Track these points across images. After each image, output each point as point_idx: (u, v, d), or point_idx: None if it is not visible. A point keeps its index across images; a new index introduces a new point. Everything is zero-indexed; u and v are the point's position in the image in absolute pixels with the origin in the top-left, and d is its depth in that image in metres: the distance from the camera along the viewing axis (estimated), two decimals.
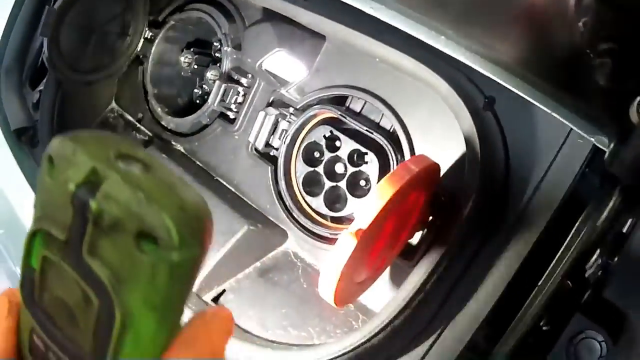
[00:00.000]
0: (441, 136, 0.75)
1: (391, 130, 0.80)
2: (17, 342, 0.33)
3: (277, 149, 0.87)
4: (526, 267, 0.68)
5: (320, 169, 0.82)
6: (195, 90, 1.01)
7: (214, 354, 0.32)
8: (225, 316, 0.34)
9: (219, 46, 0.96)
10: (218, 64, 0.95)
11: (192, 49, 0.98)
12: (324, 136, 0.82)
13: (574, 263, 0.63)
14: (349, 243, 0.62)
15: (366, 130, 0.79)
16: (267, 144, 0.87)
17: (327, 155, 0.82)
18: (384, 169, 0.79)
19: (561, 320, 0.65)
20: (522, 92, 0.68)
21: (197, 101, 1.00)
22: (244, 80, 0.91)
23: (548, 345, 0.65)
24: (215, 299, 0.81)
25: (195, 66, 0.97)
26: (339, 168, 0.82)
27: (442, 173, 0.71)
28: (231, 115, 0.92)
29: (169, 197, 0.28)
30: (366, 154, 0.80)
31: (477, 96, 0.74)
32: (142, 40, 1.00)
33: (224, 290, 0.82)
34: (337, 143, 0.82)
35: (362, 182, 0.81)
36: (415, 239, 0.74)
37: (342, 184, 0.81)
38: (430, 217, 0.72)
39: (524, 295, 0.67)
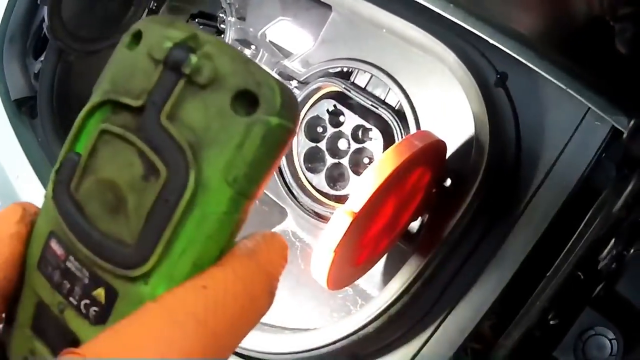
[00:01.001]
0: (450, 113, 0.69)
1: (397, 107, 0.74)
2: (22, 253, 0.30)
3: None
4: (535, 255, 0.63)
5: (322, 144, 0.77)
6: None
7: (272, 275, 0.29)
8: (282, 240, 0.31)
9: (224, 17, 0.91)
10: (222, 35, 0.90)
11: (196, 20, 0.92)
12: (328, 110, 0.76)
13: (586, 253, 0.57)
14: (342, 222, 0.58)
15: (371, 105, 0.73)
16: None
17: (330, 130, 0.76)
18: (388, 146, 0.73)
19: (570, 315, 0.60)
20: (536, 66, 0.62)
21: None
22: (247, 52, 0.86)
23: (555, 341, 0.60)
24: None
25: None
26: (342, 144, 0.77)
27: (449, 152, 0.65)
28: None
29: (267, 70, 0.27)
30: (370, 130, 0.74)
31: (489, 71, 0.69)
32: (146, 10, 0.95)
33: None
34: (341, 118, 0.77)
35: (366, 160, 0.76)
36: (419, 222, 0.68)
37: (345, 161, 0.75)
38: (434, 199, 0.67)
39: (532, 286, 0.61)
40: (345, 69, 0.78)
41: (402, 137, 0.72)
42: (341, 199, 0.78)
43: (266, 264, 0.29)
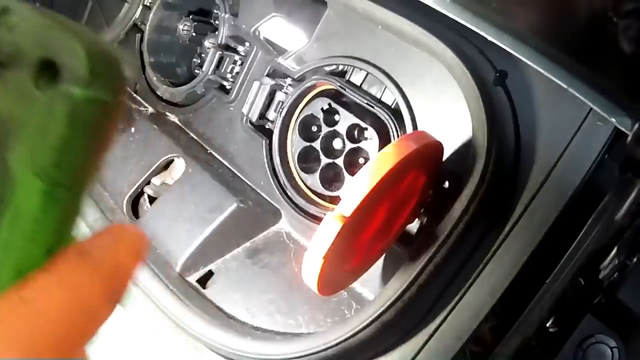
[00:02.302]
0: (447, 113, 0.66)
1: (393, 106, 0.70)
2: None
3: (272, 122, 0.78)
4: (534, 260, 0.59)
5: (317, 144, 0.73)
6: (194, 60, 0.92)
7: (112, 277, 0.24)
8: (136, 233, 0.26)
9: (218, 13, 0.87)
10: (217, 32, 0.86)
11: (191, 17, 0.89)
12: (322, 109, 0.73)
13: (587, 260, 0.53)
14: (332, 227, 0.54)
15: (367, 103, 0.70)
16: (262, 116, 0.78)
17: (325, 129, 0.73)
18: (384, 146, 0.69)
19: (570, 322, 0.57)
20: (536, 63, 0.59)
21: (196, 71, 0.91)
22: (241, 49, 0.82)
23: (554, 349, 0.57)
24: (201, 281, 0.74)
25: (194, 34, 0.88)
26: (337, 144, 0.74)
27: (446, 153, 0.62)
28: (227, 85, 0.83)
29: (81, 30, 0.21)
30: (366, 129, 0.70)
31: (488, 70, 0.65)
32: (140, 6, 0.92)
33: (210, 272, 0.74)
34: (336, 117, 0.73)
35: (361, 160, 0.72)
36: (417, 224, 0.65)
37: (340, 161, 0.72)
38: (430, 201, 0.63)
39: (530, 293, 0.58)
40: (340, 67, 0.74)
41: (398, 137, 0.68)
42: (336, 200, 0.75)
43: (104, 265, 0.24)
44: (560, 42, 0.57)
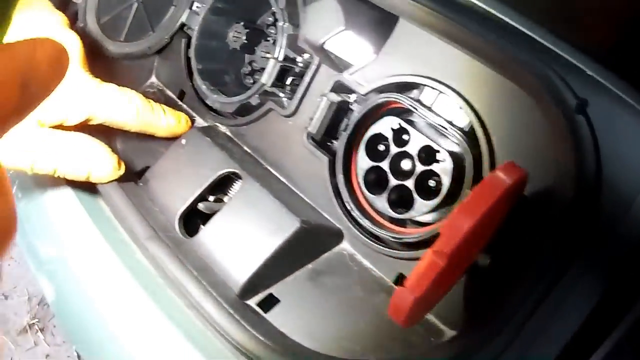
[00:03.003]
0: (527, 141, 0.65)
1: (466, 129, 0.68)
2: None
3: (336, 139, 0.75)
4: (612, 295, 0.58)
5: (384, 164, 0.71)
6: (244, 68, 0.88)
7: (25, 69, 0.28)
8: (58, 46, 0.31)
9: (272, 21, 0.83)
10: (271, 41, 0.83)
11: (242, 23, 0.84)
12: (392, 128, 0.70)
13: None
14: (434, 265, 0.54)
15: (439, 125, 0.67)
16: (327, 133, 0.74)
17: (394, 149, 0.71)
18: (457, 170, 0.68)
19: None
20: (619, 89, 0.57)
21: (246, 80, 0.87)
22: (299, 60, 0.79)
23: None
24: (261, 304, 0.71)
25: (246, 41, 0.84)
26: (405, 165, 0.72)
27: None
28: (285, 97, 0.79)
29: None
30: (438, 152, 0.68)
31: (569, 97, 0.63)
32: (187, 10, 0.87)
33: (270, 295, 0.72)
34: (405, 137, 0.71)
35: (432, 183, 0.70)
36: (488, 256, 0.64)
37: (409, 183, 0.70)
38: (506, 232, 0.62)
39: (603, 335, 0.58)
40: (409, 85, 0.71)
41: (473, 161, 0.65)
42: (402, 222, 0.72)
43: (21, 58, 0.28)
44: None
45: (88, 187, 0.80)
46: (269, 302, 0.73)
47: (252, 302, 0.72)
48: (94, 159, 0.76)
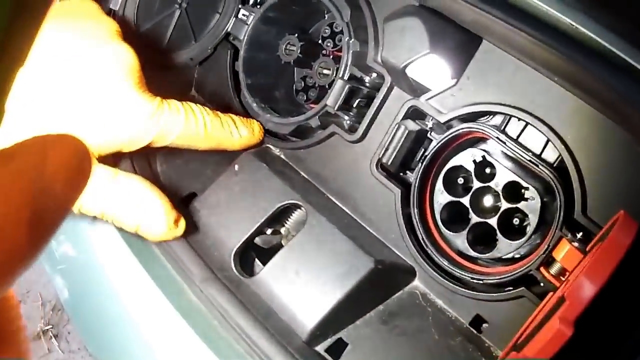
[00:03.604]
0: (620, 178, 0.61)
1: (555, 164, 0.62)
2: None
3: (410, 170, 0.69)
4: None
5: (465, 200, 0.65)
6: (297, 84, 0.80)
7: (45, 184, 0.21)
8: (72, 141, 0.23)
9: (329, 33, 0.76)
10: (328, 55, 0.75)
11: (296, 34, 0.77)
12: (474, 161, 0.64)
13: None
14: (562, 335, 0.49)
15: (529, 160, 0.62)
16: (402, 164, 0.68)
17: (477, 184, 0.65)
18: (545, 209, 0.62)
19: None
20: None
21: (298, 97, 0.80)
22: (367, 80, 0.72)
23: None
24: (330, 350, 0.66)
25: (300, 55, 0.76)
26: (487, 201, 0.66)
27: None
28: (349, 121, 0.72)
29: None
30: (527, 189, 0.63)
31: None
32: (233, 18, 0.79)
33: (339, 339, 0.67)
34: (487, 170, 0.65)
35: (516, 221, 0.64)
36: None
37: (493, 222, 0.64)
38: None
39: None
40: (493, 114, 0.65)
41: (564, 200, 0.60)
42: (483, 263, 0.67)
43: (29, 172, 0.21)
44: None
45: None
46: (339, 348, 0.68)
47: (320, 348, 0.67)
48: (146, 213, 0.68)
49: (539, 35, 0.61)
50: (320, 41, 0.81)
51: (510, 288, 0.66)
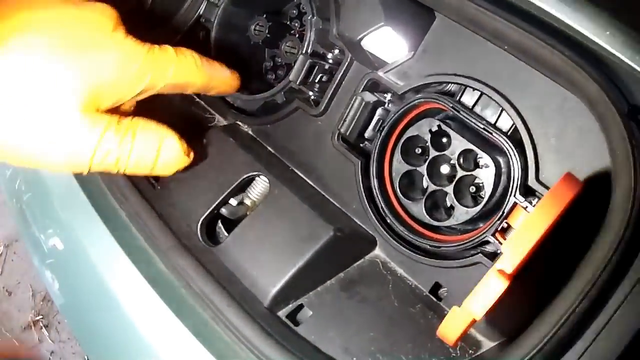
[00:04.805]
0: (572, 145, 0.62)
1: (509, 133, 0.64)
2: None
3: (368, 141, 0.71)
4: None
5: (422, 168, 0.67)
6: (266, 63, 0.82)
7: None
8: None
9: (296, 14, 0.78)
10: (297, 35, 0.77)
11: (264, 15, 0.79)
12: (430, 131, 0.66)
13: None
14: (497, 286, 0.50)
15: (483, 129, 0.63)
16: (360, 135, 0.70)
17: (433, 153, 0.67)
18: (500, 176, 0.63)
19: None
20: None
21: (268, 76, 0.82)
22: (329, 56, 0.74)
23: None
24: (291, 316, 0.67)
25: (268, 35, 0.78)
26: (444, 169, 0.67)
27: None
28: (312, 95, 0.74)
29: None
30: (480, 157, 0.64)
31: (623, 103, 0.59)
32: (205, 2, 0.82)
33: (301, 306, 0.69)
34: (444, 140, 0.67)
35: (472, 189, 0.66)
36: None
37: (449, 189, 0.66)
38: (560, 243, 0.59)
39: None
40: (449, 85, 0.67)
41: (519, 167, 0.61)
42: (438, 230, 0.68)
43: None
44: None
45: (97, 187, 0.76)
46: (300, 314, 0.69)
47: (282, 313, 0.68)
48: (162, 145, 0.67)
49: (486, 4, 0.63)
50: (288, 22, 0.84)
51: (468, 255, 0.67)
